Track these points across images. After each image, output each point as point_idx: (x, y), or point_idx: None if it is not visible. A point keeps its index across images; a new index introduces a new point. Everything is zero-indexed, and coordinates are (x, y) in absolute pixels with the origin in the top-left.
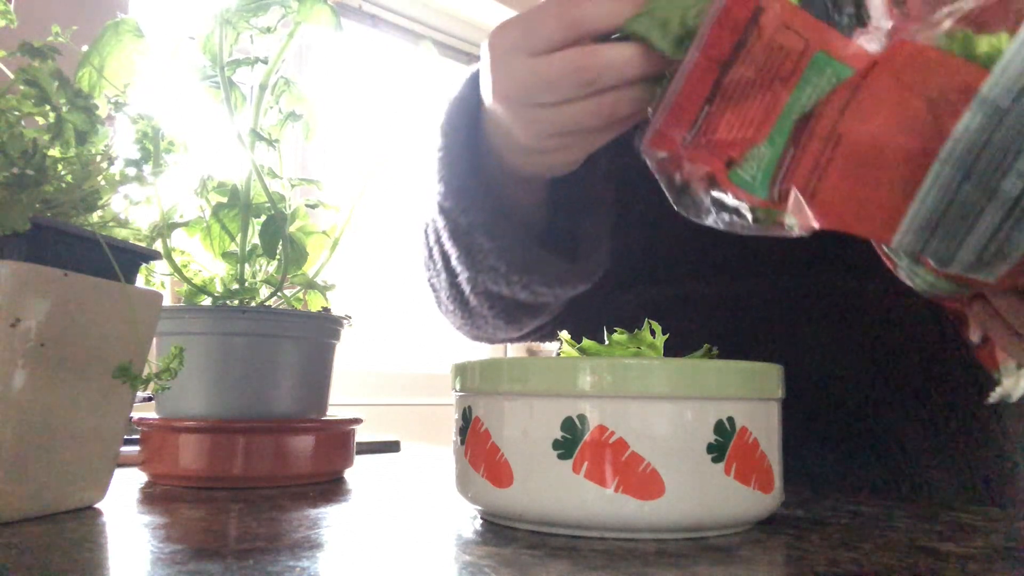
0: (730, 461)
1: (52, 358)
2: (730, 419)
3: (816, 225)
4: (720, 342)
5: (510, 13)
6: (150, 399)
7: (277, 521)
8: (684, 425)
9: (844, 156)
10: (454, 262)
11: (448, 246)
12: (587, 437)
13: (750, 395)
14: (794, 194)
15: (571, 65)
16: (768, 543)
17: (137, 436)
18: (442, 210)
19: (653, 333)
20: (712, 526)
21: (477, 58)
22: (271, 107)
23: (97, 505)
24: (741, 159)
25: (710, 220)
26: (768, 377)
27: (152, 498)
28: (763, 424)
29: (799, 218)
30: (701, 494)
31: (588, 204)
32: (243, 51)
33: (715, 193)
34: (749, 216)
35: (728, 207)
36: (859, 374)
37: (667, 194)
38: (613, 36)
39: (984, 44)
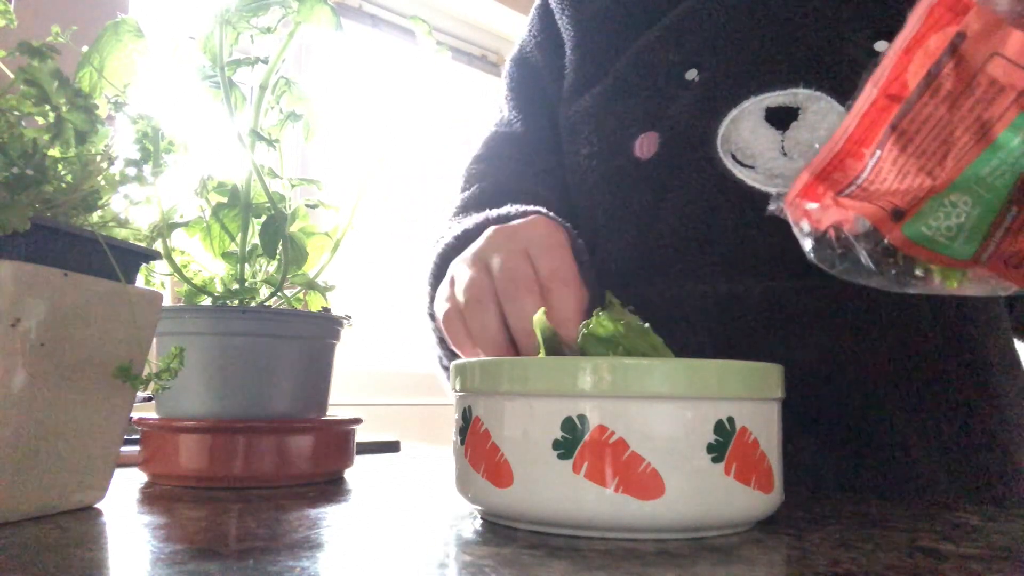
0: (730, 461)
1: (52, 358)
2: (730, 419)
3: None
4: (718, 342)
5: (510, 13)
6: (150, 399)
7: (277, 521)
8: (684, 425)
9: None
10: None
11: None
12: (587, 437)
13: (750, 395)
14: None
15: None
16: (768, 543)
17: (137, 436)
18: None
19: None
20: (712, 526)
21: (478, 58)
22: (271, 107)
23: (97, 505)
24: (915, 210)
25: (862, 279)
26: (768, 377)
27: (152, 498)
28: (763, 424)
29: (1010, 279)
30: (701, 494)
31: None
32: (243, 51)
33: (857, 243)
34: (919, 272)
35: (865, 258)
36: (860, 374)
37: (803, 245)
38: None
39: None
